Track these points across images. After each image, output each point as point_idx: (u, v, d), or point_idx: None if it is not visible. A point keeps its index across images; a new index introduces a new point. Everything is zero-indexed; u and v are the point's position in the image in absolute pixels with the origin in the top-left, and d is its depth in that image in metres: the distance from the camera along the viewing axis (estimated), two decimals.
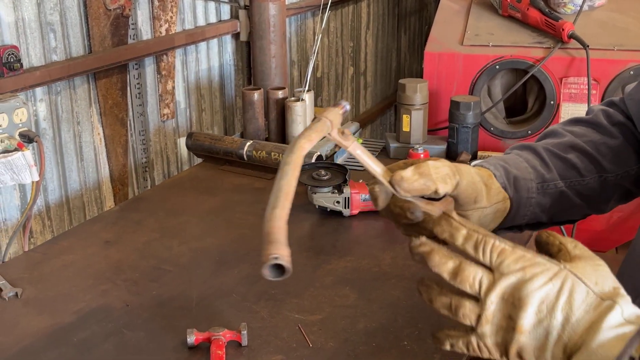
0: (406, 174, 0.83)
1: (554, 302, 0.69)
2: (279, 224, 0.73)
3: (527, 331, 0.70)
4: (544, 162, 1.04)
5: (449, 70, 2.51)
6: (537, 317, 0.69)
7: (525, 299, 0.69)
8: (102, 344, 1.12)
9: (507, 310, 0.71)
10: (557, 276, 0.70)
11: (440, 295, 0.75)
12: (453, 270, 0.73)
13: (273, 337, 1.13)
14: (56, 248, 1.44)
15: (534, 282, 0.70)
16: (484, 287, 0.72)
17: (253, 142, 1.87)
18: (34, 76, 1.65)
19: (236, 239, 1.49)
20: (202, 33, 2.26)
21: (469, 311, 0.73)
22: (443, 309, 0.75)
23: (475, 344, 0.74)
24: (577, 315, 0.68)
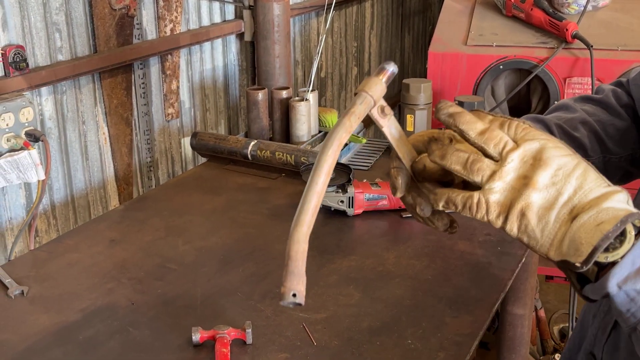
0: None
1: (570, 171, 0.72)
2: (302, 248, 0.73)
3: (539, 188, 0.71)
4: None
5: (452, 70, 2.51)
6: (552, 179, 0.71)
7: (547, 161, 0.72)
8: (107, 342, 1.13)
9: (523, 170, 0.72)
10: (576, 155, 0.73)
11: (456, 151, 0.75)
12: (481, 130, 0.74)
13: (277, 336, 1.14)
14: (61, 247, 1.45)
15: (556, 150, 0.73)
16: (508, 147, 0.73)
17: (257, 141, 1.88)
18: (39, 76, 1.66)
19: (241, 238, 1.49)
20: (206, 33, 2.27)
21: (486, 166, 0.73)
22: (456, 164, 0.74)
23: (475, 200, 0.73)
24: (590, 185, 0.71)
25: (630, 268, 0.68)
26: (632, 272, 0.68)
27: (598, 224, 0.68)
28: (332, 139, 0.76)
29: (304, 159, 1.77)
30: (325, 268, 1.36)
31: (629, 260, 0.68)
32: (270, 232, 1.52)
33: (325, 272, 1.34)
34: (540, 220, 0.71)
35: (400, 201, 1.60)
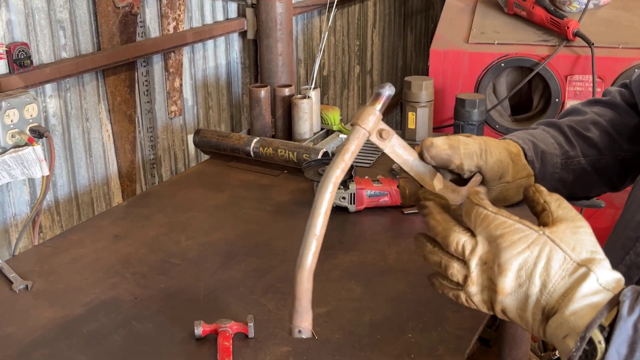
0: (437, 141, 0.87)
1: (532, 269, 0.72)
2: (305, 287, 0.79)
3: (508, 293, 0.74)
4: (567, 139, 1.08)
5: (454, 68, 2.52)
6: (517, 281, 0.73)
7: (504, 265, 0.73)
8: (111, 335, 1.14)
9: (488, 274, 0.75)
10: (535, 243, 0.73)
11: (431, 254, 0.80)
12: (442, 235, 0.78)
13: (279, 329, 1.15)
14: (66, 242, 1.46)
15: (512, 249, 0.73)
16: (467, 251, 0.76)
17: (260, 138, 1.89)
18: (44, 73, 1.67)
19: (243, 233, 1.50)
20: (209, 31, 2.28)
21: (457, 272, 0.77)
22: (434, 265, 0.80)
23: (463, 299, 0.78)
24: (554, 281, 0.71)
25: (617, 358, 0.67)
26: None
27: (564, 337, 0.70)
28: (327, 181, 0.79)
29: (306, 156, 1.78)
30: (327, 263, 1.37)
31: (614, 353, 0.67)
32: (272, 228, 1.53)
33: (327, 267, 1.35)
34: (521, 319, 0.75)
35: None
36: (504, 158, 0.95)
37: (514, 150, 0.99)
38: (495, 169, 0.94)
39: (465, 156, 0.89)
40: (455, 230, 0.76)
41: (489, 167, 0.92)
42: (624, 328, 0.67)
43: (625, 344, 0.67)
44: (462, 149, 0.89)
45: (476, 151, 0.91)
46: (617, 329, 0.67)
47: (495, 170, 0.94)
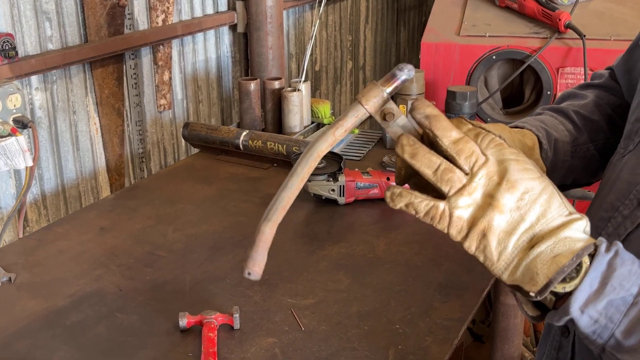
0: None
1: (536, 196, 0.72)
2: (265, 238, 0.85)
3: (503, 211, 0.71)
4: (576, 126, 1.07)
5: (445, 60, 2.51)
6: (517, 203, 0.71)
7: (514, 183, 0.71)
8: (95, 326, 1.12)
9: (490, 189, 0.72)
10: (543, 177, 0.73)
11: (429, 154, 0.73)
12: (455, 139, 0.73)
13: (265, 321, 1.14)
14: (51, 234, 1.45)
15: (524, 172, 0.72)
16: (479, 162, 0.72)
17: (249, 131, 1.88)
18: (29, 64, 1.65)
19: (231, 225, 1.49)
20: (199, 24, 2.26)
21: (457, 177, 0.72)
22: (427, 167, 0.73)
23: (440, 210, 0.72)
24: (553, 214, 0.71)
25: (589, 290, 0.69)
26: (591, 294, 0.69)
27: (554, 256, 0.70)
28: (312, 150, 0.78)
29: (296, 148, 1.76)
30: (315, 255, 1.36)
31: (587, 284, 0.69)
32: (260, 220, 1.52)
33: (315, 259, 1.34)
34: (500, 243, 0.71)
35: None
36: (514, 147, 0.94)
37: (528, 143, 0.99)
38: None
39: None
40: (471, 140, 0.73)
41: None
42: (600, 263, 0.69)
43: (598, 278, 0.69)
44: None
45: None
46: (595, 262, 0.69)
47: None
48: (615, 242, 0.72)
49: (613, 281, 0.69)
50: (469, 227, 0.72)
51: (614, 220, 0.85)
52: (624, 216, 0.84)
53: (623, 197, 0.85)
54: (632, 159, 0.89)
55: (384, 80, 0.78)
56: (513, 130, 1.00)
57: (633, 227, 0.82)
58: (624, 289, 0.69)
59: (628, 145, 0.92)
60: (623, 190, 0.86)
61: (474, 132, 0.75)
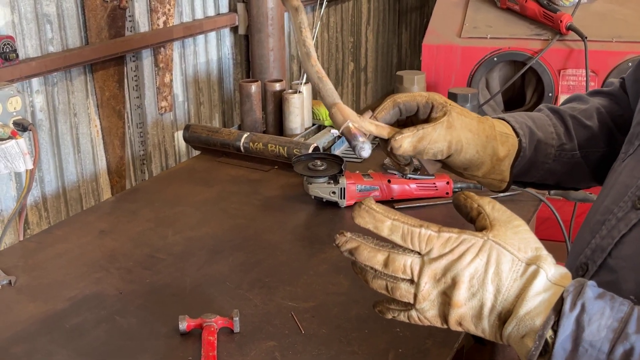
0: (404, 145, 0.93)
1: (483, 276, 0.72)
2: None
3: (462, 305, 0.72)
4: (567, 131, 1.07)
5: (447, 62, 2.51)
6: (470, 291, 0.72)
7: (457, 278, 0.72)
8: (94, 330, 1.12)
9: (441, 288, 0.73)
10: (482, 250, 0.72)
11: (375, 279, 0.76)
12: (384, 262, 0.74)
13: (265, 324, 1.13)
14: (51, 237, 1.44)
15: (462, 261, 0.72)
16: (416, 271, 0.73)
17: (250, 134, 1.87)
18: (30, 67, 1.65)
19: (231, 228, 1.49)
20: (200, 26, 2.26)
21: (405, 292, 0.75)
22: (380, 289, 0.77)
23: (415, 317, 0.76)
24: (507, 285, 0.71)
25: (564, 354, 0.69)
26: (567, 358, 0.69)
27: (522, 337, 0.70)
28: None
29: (297, 151, 1.76)
30: (316, 258, 1.35)
31: (560, 348, 0.69)
32: (261, 222, 1.51)
33: (315, 262, 1.34)
34: (477, 327, 0.73)
35: (392, 192, 1.60)
36: (479, 158, 0.98)
37: (500, 154, 1.00)
38: (459, 164, 0.99)
39: (429, 155, 0.95)
40: (398, 254, 0.74)
41: (452, 162, 0.98)
42: (567, 324, 0.68)
43: (569, 340, 0.68)
44: (428, 149, 0.94)
45: (442, 150, 0.95)
46: (561, 326, 0.68)
47: (459, 165, 0.99)
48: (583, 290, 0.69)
49: (584, 343, 0.68)
50: (445, 320, 0.75)
51: (608, 223, 0.85)
52: (618, 218, 0.83)
53: (618, 200, 0.85)
54: (631, 162, 0.89)
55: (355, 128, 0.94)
56: (492, 135, 1.00)
57: (627, 229, 0.82)
58: (595, 349, 0.67)
59: (629, 149, 0.92)
60: (620, 193, 0.86)
61: (399, 235, 0.74)
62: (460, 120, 0.96)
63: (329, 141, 1.96)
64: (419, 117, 0.99)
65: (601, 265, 0.84)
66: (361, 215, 0.75)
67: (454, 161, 0.98)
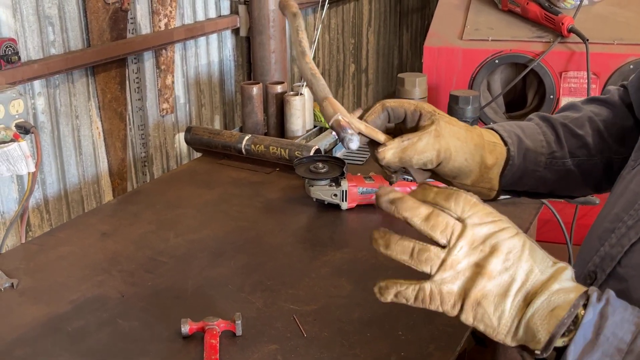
0: (388, 156, 0.94)
1: (520, 254, 0.72)
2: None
3: (493, 276, 0.71)
4: (558, 139, 1.07)
5: (448, 64, 2.51)
6: (504, 265, 0.71)
7: (497, 246, 0.71)
8: (96, 333, 1.12)
9: (475, 258, 0.71)
10: (519, 233, 0.73)
11: (401, 240, 0.74)
12: (426, 216, 0.72)
13: (268, 327, 1.13)
14: (53, 239, 1.44)
15: (503, 233, 0.72)
16: (457, 231, 0.72)
17: (251, 136, 1.87)
18: (32, 69, 1.65)
19: (233, 230, 1.49)
20: (201, 28, 2.26)
21: (434, 255, 0.72)
22: (402, 254, 0.73)
23: (428, 291, 0.72)
24: (540, 267, 0.72)
25: (583, 342, 0.69)
26: (586, 346, 0.69)
27: (552, 310, 0.69)
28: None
29: (298, 153, 1.76)
30: (318, 260, 1.35)
31: (581, 336, 0.69)
32: (262, 225, 1.52)
33: (317, 264, 1.34)
34: (497, 308, 0.71)
35: None
36: (467, 166, 0.99)
37: (488, 162, 1.01)
38: (448, 173, 0.99)
39: (417, 164, 0.96)
40: (442, 212, 0.72)
41: (441, 170, 0.99)
42: (593, 313, 0.68)
43: (591, 329, 0.68)
44: (414, 160, 0.95)
45: (431, 159, 0.96)
46: (587, 314, 0.68)
47: (448, 173, 0.99)
48: (607, 290, 0.71)
49: (606, 331, 0.68)
50: (462, 299, 0.72)
51: (618, 231, 0.84)
52: (628, 227, 0.83)
53: (628, 208, 0.84)
54: None
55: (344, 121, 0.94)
56: (480, 144, 1.01)
57: (637, 237, 0.81)
58: (617, 337, 0.68)
59: (638, 157, 0.91)
60: (629, 201, 0.85)
61: (444, 195, 0.73)
62: (448, 128, 0.97)
63: (330, 143, 1.96)
64: (406, 124, 0.99)
65: (610, 274, 0.83)
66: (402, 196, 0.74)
67: (443, 169, 0.98)
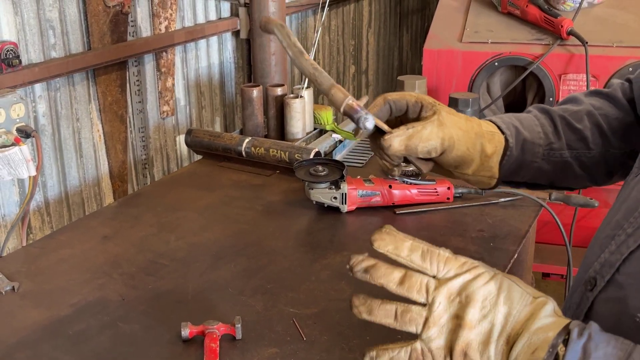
0: (394, 144, 0.96)
1: (496, 298, 0.73)
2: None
3: (473, 326, 0.72)
4: (556, 130, 1.08)
5: (448, 67, 2.51)
6: (481, 312, 0.72)
7: (472, 296, 0.73)
8: (97, 336, 1.13)
9: (452, 310, 0.73)
10: (495, 277, 0.74)
11: (382, 304, 0.76)
12: (400, 279, 0.74)
13: (267, 331, 1.14)
14: (54, 242, 1.45)
15: (478, 280, 0.73)
16: (432, 288, 0.74)
17: (252, 138, 1.88)
18: (32, 72, 1.66)
19: (233, 233, 1.49)
20: (201, 30, 2.27)
21: (416, 314, 0.74)
22: (386, 318, 0.75)
23: (419, 350, 0.75)
24: (518, 307, 0.72)
25: None
26: None
27: (533, 352, 0.70)
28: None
29: (298, 155, 1.77)
30: (318, 263, 1.36)
31: None
32: (263, 228, 1.52)
33: (317, 268, 1.34)
34: (482, 356, 0.73)
35: (394, 198, 1.60)
36: (469, 155, 1.01)
37: (488, 150, 1.02)
38: (451, 161, 1.01)
39: (422, 153, 0.98)
40: (415, 272, 0.74)
41: (444, 159, 1.00)
42: (575, 350, 0.68)
43: None
44: (419, 147, 0.97)
45: (436, 147, 0.98)
46: (568, 351, 0.68)
47: (451, 162, 1.01)
48: (590, 323, 0.71)
49: None
50: (450, 351, 0.73)
51: (618, 238, 0.84)
52: (627, 234, 0.83)
53: (629, 215, 0.85)
54: None
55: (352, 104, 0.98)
56: (480, 133, 1.02)
57: (635, 245, 0.81)
58: None
59: None
60: (630, 208, 0.85)
61: (418, 254, 0.75)
62: (449, 118, 1.00)
63: (330, 145, 1.97)
64: (408, 116, 1.02)
65: (609, 281, 0.84)
66: (382, 238, 0.76)
67: (447, 158, 1.00)
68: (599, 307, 0.84)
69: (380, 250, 0.76)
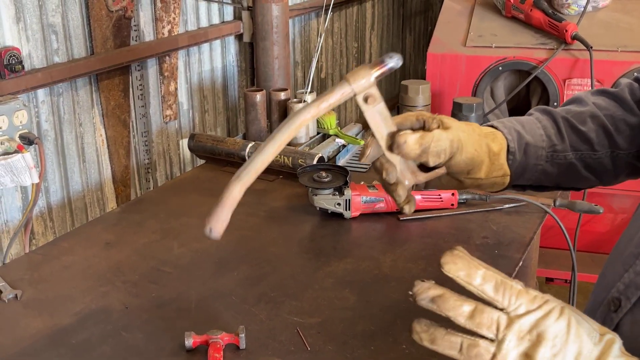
0: (410, 141, 0.91)
1: (566, 336, 0.70)
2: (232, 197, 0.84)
3: None
4: (559, 132, 1.07)
5: (451, 71, 2.50)
6: (551, 351, 0.69)
7: (543, 334, 0.69)
8: (100, 345, 1.12)
9: (522, 348, 0.70)
10: (564, 312, 0.71)
11: (448, 335, 0.71)
12: (470, 313, 0.70)
13: (271, 340, 1.13)
14: (56, 249, 1.44)
15: (549, 318, 0.70)
16: (503, 326, 0.70)
17: (255, 143, 1.87)
18: (35, 78, 1.65)
19: (236, 240, 1.48)
20: (204, 34, 2.26)
21: (484, 350, 0.70)
22: (450, 349, 0.71)
23: None
24: (588, 347, 0.69)
25: None
26: None
27: None
28: (296, 118, 0.81)
29: (302, 161, 1.76)
30: (321, 271, 1.35)
31: None
32: (266, 234, 1.51)
33: (321, 275, 1.33)
34: None
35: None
36: (478, 156, 0.99)
37: (494, 149, 1.01)
38: (462, 165, 0.98)
39: (433, 154, 0.94)
40: (486, 306, 0.70)
41: (455, 164, 0.97)
42: None
43: None
44: (432, 147, 0.93)
45: (445, 149, 0.95)
46: None
47: (462, 167, 0.98)
48: None
49: None
50: None
51: None
52: None
53: None
54: None
55: (373, 64, 0.83)
56: (483, 134, 1.02)
57: None
58: None
59: None
60: None
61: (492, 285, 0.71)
62: (452, 122, 0.99)
63: (333, 150, 1.96)
64: None
65: (636, 303, 0.82)
66: (454, 261, 0.71)
67: (457, 162, 0.97)
68: (625, 328, 0.82)
69: (450, 274, 0.71)
